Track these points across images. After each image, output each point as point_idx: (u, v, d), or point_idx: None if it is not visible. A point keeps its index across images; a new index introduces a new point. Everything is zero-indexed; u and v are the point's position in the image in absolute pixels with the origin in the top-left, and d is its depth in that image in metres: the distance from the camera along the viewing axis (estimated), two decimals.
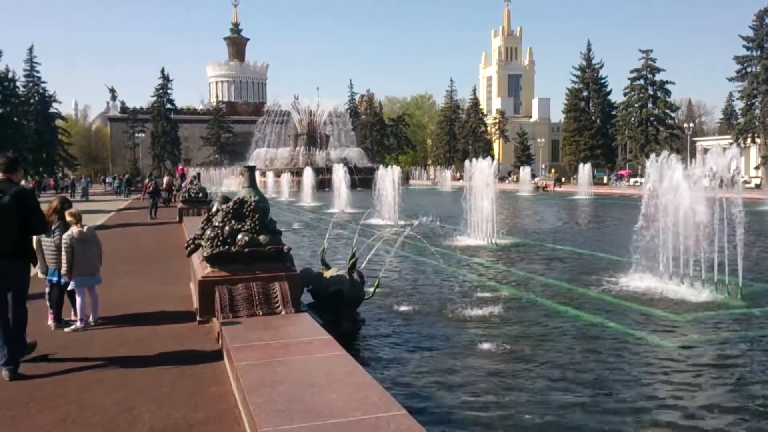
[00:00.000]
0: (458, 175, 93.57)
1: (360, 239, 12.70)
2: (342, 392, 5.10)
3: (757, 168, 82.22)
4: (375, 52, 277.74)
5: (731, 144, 75.82)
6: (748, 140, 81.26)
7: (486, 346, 8.63)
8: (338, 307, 9.11)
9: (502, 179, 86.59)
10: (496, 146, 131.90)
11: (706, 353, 8.59)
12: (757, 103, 77.93)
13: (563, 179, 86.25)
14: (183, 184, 33.92)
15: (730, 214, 12.29)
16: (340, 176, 39.07)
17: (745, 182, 75.12)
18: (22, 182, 8.27)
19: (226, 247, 7.97)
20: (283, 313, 7.64)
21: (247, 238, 8.02)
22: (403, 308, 10.86)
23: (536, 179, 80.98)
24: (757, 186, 71.64)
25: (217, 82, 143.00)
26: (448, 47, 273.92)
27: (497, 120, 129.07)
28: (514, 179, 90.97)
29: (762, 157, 76.97)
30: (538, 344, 8.91)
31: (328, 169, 57.72)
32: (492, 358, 8.23)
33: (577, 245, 20.51)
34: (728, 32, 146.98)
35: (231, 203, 8.38)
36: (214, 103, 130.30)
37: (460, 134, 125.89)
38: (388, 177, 28.59)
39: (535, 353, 8.46)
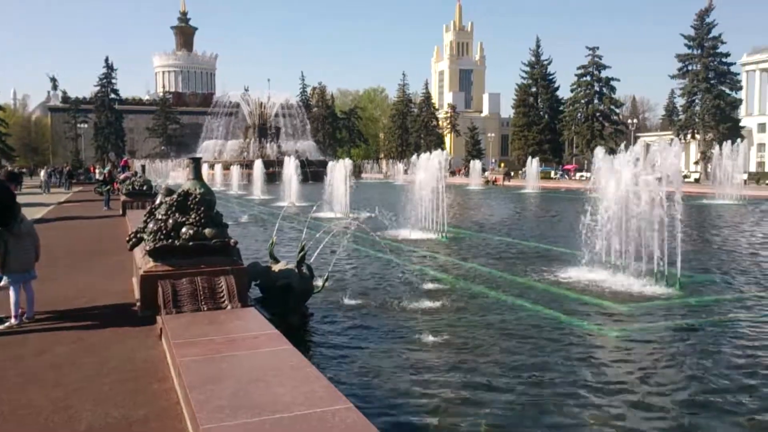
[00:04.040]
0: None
1: (310, 232, 12.60)
2: (288, 386, 5.04)
3: (696, 163, 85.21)
4: (327, 45, 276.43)
5: (672, 140, 78.20)
6: (688, 136, 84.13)
7: (433, 338, 8.68)
8: (287, 301, 9.02)
9: (452, 173, 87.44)
10: (448, 140, 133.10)
11: (643, 341, 8.86)
12: (697, 100, 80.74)
13: (512, 173, 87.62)
14: (121, 177, 32.85)
15: (670, 208, 12.66)
16: (290, 169, 38.72)
17: (685, 177, 77.89)
18: None
19: (170, 240, 7.78)
20: (229, 307, 7.50)
21: (191, 232, 7.84)
22: (352, 301, 10.83)
23: (486, 173, 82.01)
24: (697, 180, 74.31)
25: (163, 72, 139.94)
26: (400, 41, 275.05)
27: (449, 114, 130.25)
28: (463, 173, 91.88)
29: (701, 152, 79.80)
30: (484, 335, 9.02)
31: (279, 162, 57.17)
32: (439, 349, 8.29)
33: (525, 238, 20.86)
34: (672, 31, 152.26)
35: (175, 195, 8.17)
36: (161, 94, 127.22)
37: (412, 128, 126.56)
38: (339, 170, 28.48)
39: (481, 344, 8.57)
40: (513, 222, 28.17)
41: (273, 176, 55.48)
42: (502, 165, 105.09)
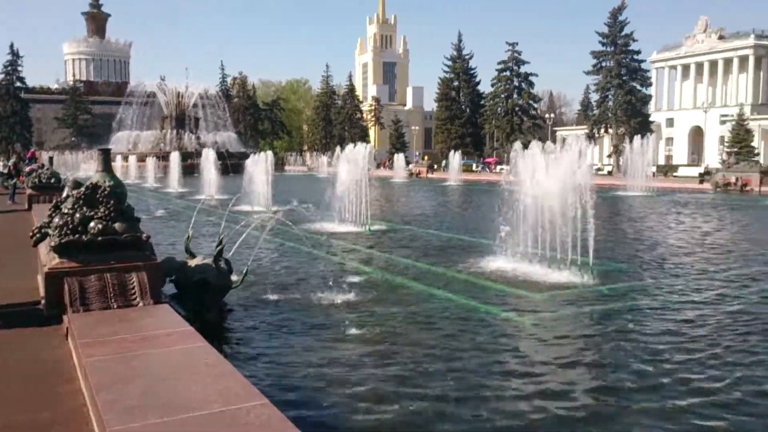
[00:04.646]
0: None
1: (229, 226, 12.33)
2: (202, 384, 4.91)
3: (609, 156, 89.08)
4: (248, 35, 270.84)
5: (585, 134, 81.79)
6: (602, 130, 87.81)
7: (354, 331, 8.67)
8: (203, 296, 8.79)
9: (377, 166, 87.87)
10: (372, 133, 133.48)
11: (558, 328, 9.19)
12: (610, 96, 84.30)
13: (436, 166, 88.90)
14: (27, 169, 30.99)
15: (584, 200, 13.14)
16: (209, 161, 37.90)
17: (599, 170, 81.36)
18: None
19: (77, 235, 7.40)
20: (140, 305, 7.22)
21: (100, 226, 7.48)
22: (272, 296, 10.66)
23: (410, 166, 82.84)
24: (610, 173, 77.72)
25: (74, 60, 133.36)
26: (324, 32, 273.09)
27: (373, 107, 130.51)
28: (387, 166, 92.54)
29: (614, 146, 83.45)
30: (406, 326, 9.10)
31: (198, 154, 55.74)
32: (361, 343, 8.28)
33: (447, 229, 21.19)
34: (588, 28, 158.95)
35: (83, 188, 7.79)
36: (71, 83, 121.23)
37: (336, 120, 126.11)
38: (260, 162, 28.08)
39: (403, 335, 8.63)
40: (436, 214, 28.57)
41: (191, 168, 54.04)
42: (426, 158, 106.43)
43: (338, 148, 26.74)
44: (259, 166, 28.17)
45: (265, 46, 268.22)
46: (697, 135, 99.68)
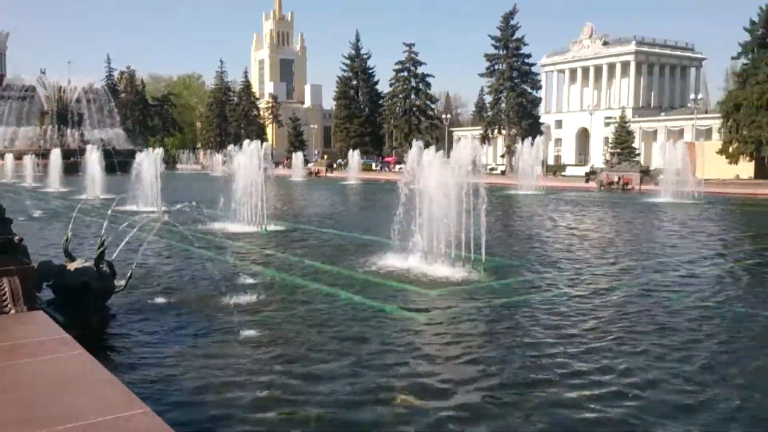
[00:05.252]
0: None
1: (112, 227, 11.75)
2: (79, 395, 4.68)
3: (503, 156, 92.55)
4: (137, 27, 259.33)
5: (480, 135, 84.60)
6: (496, 131, 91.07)
7: (248, 333, 8.47)
8: (84, 301, 8.30)
9: (276, 165, 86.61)
10: (270, 131, 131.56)
11: (450, 323, 9.38)
12: (502, 98, 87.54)
13: (335, 165, 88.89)
14: None
15: (476, 198, 13.52)
16: (93, 159, 36.16)
17: (492, 169, 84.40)
18: None
19: None
20: (12, 312, 6.74)
21: None
22: (159, 300, 10.25)
23: (309, 165, 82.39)
24: (503, 173, 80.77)
25: None
26: (218, 26, 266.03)
27: (270, 104, 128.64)
28: (285, 164, 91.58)
29: (506, 146, 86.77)
30: (300, 326, 8.99)
31: (81, 151, 52.87)
32: (254, 346, 8.08)
33: (344, 229, 21.22)
34: (482, 31, 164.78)
35: None
36: None
37: (231, 117, 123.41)
38: (148, 160, 27.04)
39: (298, 337, 8.52)
40: (334, 213, 28.54)
41: (74, 167, 51.14)
42: (325, 156, 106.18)
43: (231, 146, 26.12)
44: (147, 163, 27.11)
45: (155, 40, 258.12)
46: (583, 136, 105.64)
